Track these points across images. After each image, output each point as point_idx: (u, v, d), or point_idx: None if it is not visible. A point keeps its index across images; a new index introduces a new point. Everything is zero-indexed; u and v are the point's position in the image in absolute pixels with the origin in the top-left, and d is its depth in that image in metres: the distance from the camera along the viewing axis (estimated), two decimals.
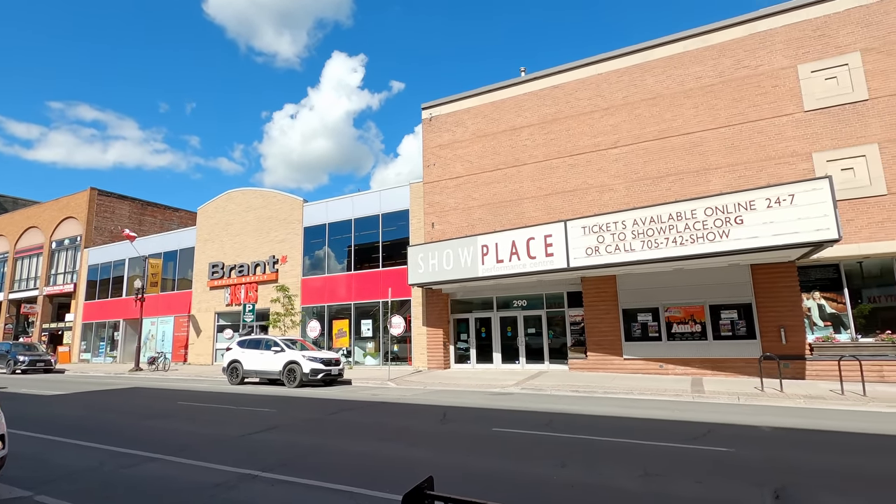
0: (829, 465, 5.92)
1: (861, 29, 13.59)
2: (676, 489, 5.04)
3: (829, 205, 10.94)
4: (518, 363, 17.67)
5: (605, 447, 6.84)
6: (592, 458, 6.21)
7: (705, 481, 5.23)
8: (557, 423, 8.52)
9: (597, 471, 5.68)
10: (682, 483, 5.21)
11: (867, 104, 13.23)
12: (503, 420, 9.08)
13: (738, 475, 5.42)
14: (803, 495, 4.80)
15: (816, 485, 5.09)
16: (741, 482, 5.18)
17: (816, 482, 5.18)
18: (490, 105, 18.84)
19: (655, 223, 12.92)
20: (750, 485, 5.09)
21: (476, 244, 16.15)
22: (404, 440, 7.47)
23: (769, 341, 13.69)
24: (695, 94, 15.33)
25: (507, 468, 5.87)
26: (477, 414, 9.85)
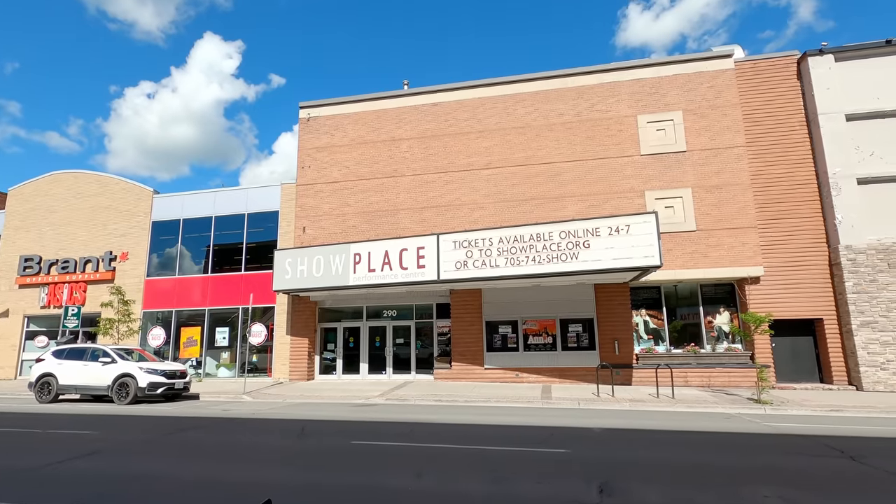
0: (643, 460, 6.88)
1: (683, 93, 16.43)
2: (521, 490, 5.42)
3: (654, 236, 12.91)
4: (385, 373, 17.62)
5: (460, 455, 7.10)
6: (448, 467, 6.40)
7: (545, 481, 5.71)
8: (418, 433, 8.64)
9: (451, 479, 5.86)
10: (525, 484, 5.62)
11: (685, 155, 15.99)
12: (364, 432, 8.95)
13: (573, 473, 6.02)
14: (621, 486, 5.50)
15: (633, 477, 5.88)
16: (574, 479, 5.76)
17: (633, 475, 5.97)
18: (372, 113, 18.77)
19: (518, 242, 13.98)
20: (581, 481, 5.68)
21: (349, 252, 15.84)
22: (253, 460, 6.92)
23: (606, 352, 15.60)
24: (557, 128, 17.04)
25: (363, 483, 5.77)
26: (337, 427, 9.56)
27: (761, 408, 11.42)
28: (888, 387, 13.62)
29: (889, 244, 14.22)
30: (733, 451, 7.44)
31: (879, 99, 15.05)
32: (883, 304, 13.98)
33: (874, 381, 13.70)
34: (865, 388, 13.72)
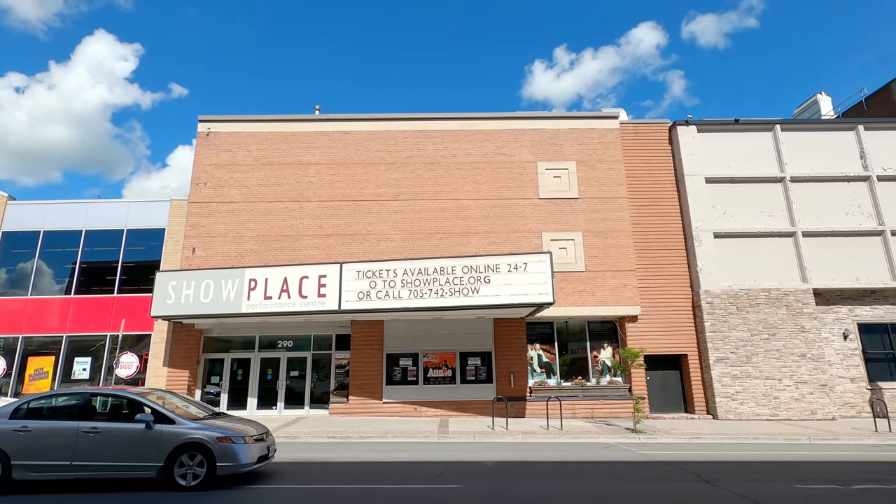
0: (529, 492, 7.08)
1: (577, 145, 18.09)
2: None
3: (548, 274, 13.76)
4: (276, 409, 16.46)
5: (348, 495, 6.79)
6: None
7: None
8: (305, 474, 8.13)
9: None
10: None
11: (577, 201, 17.46)
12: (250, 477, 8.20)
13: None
14: None
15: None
16: None
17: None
18: (280, 135, 18.16)
19: (422, 275, 14.12)
20: None
21: (244, 277, 14.84)
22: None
23: (502, 384, 16.06)
24: (465, 167, 17.77)
25: None
26: None
27: (636, 437, 12.40)
28: (737, 415, 15.55)
29: (737, 290, 16.55)
30: (610, 480, 7.95)
31: (730, 167, 17.80)
32: (733, 343, 16.12)
33: (726, 410, 15.59)
34: (720, 417, 15.54)
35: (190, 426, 7.45)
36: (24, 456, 7.09)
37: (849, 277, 16.76)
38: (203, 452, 7.20)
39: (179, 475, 7.12)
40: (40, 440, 7.22)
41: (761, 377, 15.80)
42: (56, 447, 7.18)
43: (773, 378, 15.78)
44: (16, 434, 7.21)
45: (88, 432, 7.23)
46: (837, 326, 16.75)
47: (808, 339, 16.06)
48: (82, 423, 7.34)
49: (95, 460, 7.14)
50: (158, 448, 7.15)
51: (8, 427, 7.27)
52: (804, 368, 15.81)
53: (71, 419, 7.43)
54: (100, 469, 7.16)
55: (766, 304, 16.37)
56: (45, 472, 7.12)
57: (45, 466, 7.11)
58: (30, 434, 7.25)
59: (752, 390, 15.70)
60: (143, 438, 7.22)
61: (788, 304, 16.36)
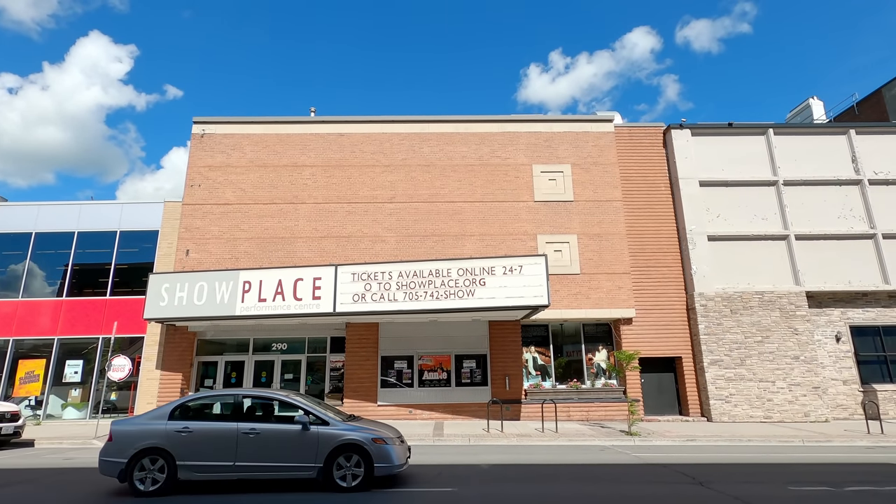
0: (525, 495, 7.06)
1: (572, 148, 18.15)
2: None
3: (544, 277, 13.78)
4: None
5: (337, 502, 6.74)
6: None
7: None
8: None
9: None
10: None
11: (572, 204, 17.50)
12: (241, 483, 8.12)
13: None
14: None
15: None
16: None
17: None
18: (275, 136, 18.11)
19: (418, 277, 14.09)
20: None
21: (238, 279, 14.77)
22: None
23: (497, 387, 16.04)
24: (460, 169, 17.78)
25: None
26: None
27: (631, 439, 12.42)
28: (731, 417, 15.60)
29: (731, 293, 16.63)
30: (605, 482, 7.95)
31: (724, 170, 17.91)
32: (727, 345, 16.19)
33: (720, 412, 15.64)
34: (714, 419, 15.59)
35: (343, 427, 7.52)
36: (187, 457, 7.12)
37: (841, 280, 16.88)
38: (359, 454, 7.26)
39: (339, 476, 7.20)
40: (202, 441, 7.24)
41: (755, 379, 15.87)
42: (218, 448, 7.21)
43: (766, 380, 15.85)
44: (178, 435, 7.20)
45: (248, 433, 7.26)
46: (830, 329, 16.86)
47: (801, 342, 16.15)
48: (241, 424, 7.36)
49: (257, 461, 7.19)
50: (317, 449, 7.22)
51: (170, 428, 7.26)
52: (797, 371, 15.89)
53: (226, 420, 7.50)
54: (261, 469, 7.21)
55: (760, 307, 16.46)
56: (209, 473, 7.17)
57: (210, 467, 7.15)
58: (191, 435, 7.23)
59: (746, 392, 15.76)
60: (302, 439, 7.27)
61: (781, 307, 16.45)
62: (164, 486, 6.99)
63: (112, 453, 7.13)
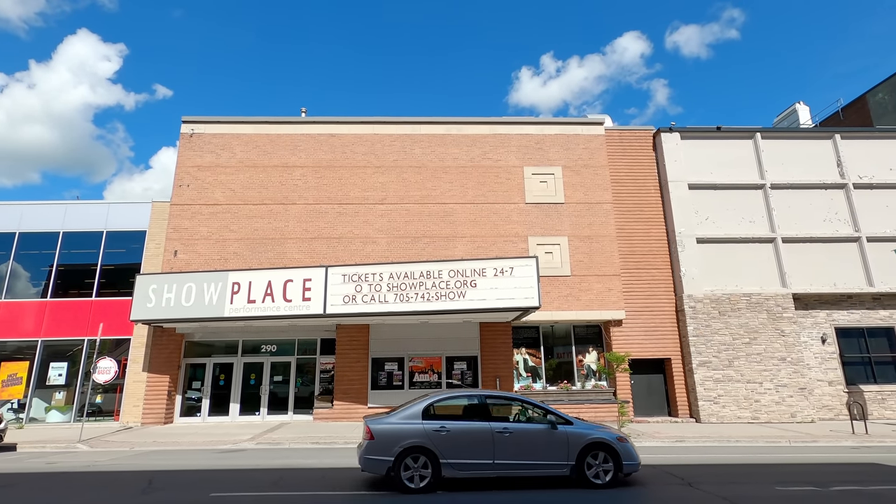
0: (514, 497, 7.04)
1: (563, 151, 18.23)
2: None
3: (534, 279, 13.81)
4: (258, 415, 16.21)
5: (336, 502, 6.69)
6: None
7: None
8: (287, 481, 7.99)
9: None
10: None
11: (563, 206, 17.58)
12: (226, 482, 8.05)
13: None
14: None
15: None
16: None
17: None
18: (265, 137, 17.98)
19: (409, 279, 14.06)
20: None
21: (227, 280, 14.62)
22: None
23: (488, 389, 16.01)
24: (451, 171, 17.78)
25: None
26: (194, 477, 8.49)
27: None
28: (719, 418, 15.74)
29: (720, 295, 16.79)
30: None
31: (712, 173, 18.10)
32: (715, 347, 16.34)
33: (709, 413, 15.77)
34: (703, 420, 15.72)
35: (586, 427, 7.89)
36: (450, 455, 7.34)
37: (826, 283, 17.12)
38: (607, 451, 7.59)
39: (592, 474, 7.50)
40: (460, 440, 7.45)
41: (742, 381, 16.03)
42: (477, 447, 7.43)
43: (753, 381, 16.02)
44: (437, 434, 7.43)
45: (502, 432, 7.52)
46: (816, 331, 17.09)
47: (787, 343, 16.35)
48: (493, 423, 7.62)
49: (513, 459, 7.45)
50: (568, 447, 7.54)
51: (429, 428, 7.46)
52: (784, 372, 16.09)
53: (473, 420, 7.74)
54: (517, 468, 7.47)
55: (748, 309, 16.65)
56: (471, 471, 7.40)
57: (471, 465, 7.38)
58: (449, 434, 7.45)
59: (734, 394, 15.91)
60: (551, 439, 7.59)
61: (769, 309, 16.65)
62: (431, 483, 7.22)
63: (378, 451, 7.27)
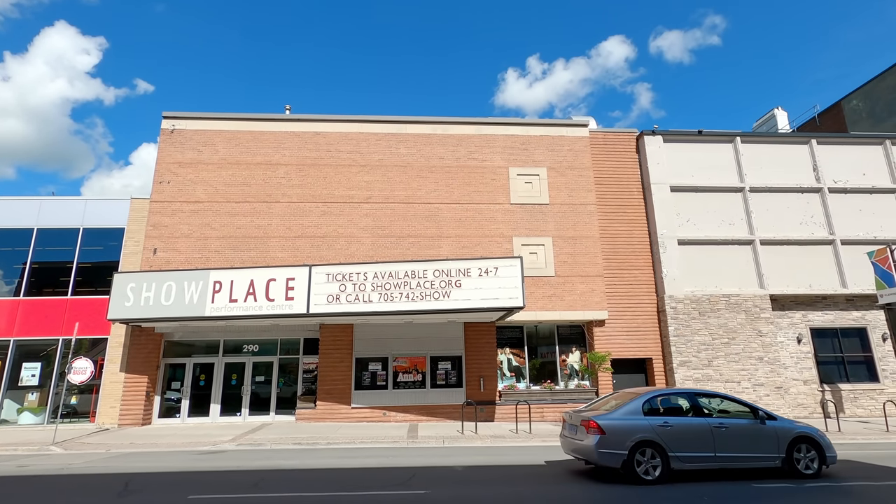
0: (497, 497, 7.07)
1: (548, 152, 18.35)
2: None
3: (519, 279, 13.87)
4: (240, 415, 15.99)
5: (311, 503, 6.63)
6: None
7: None
8: (268, 483, 7.90)
9: None
10: None
11: (548, 207, 17.70)
12: (205, 485, 7.91)
13: None
14: None
15: None
16: None
17: None
18: (248, 134, 17.74)
19: (393, 278, 14.00)
20: None
21: (208, 279, 14.38)
22: None
23: (472, 389, 16.07)
24: (437, 171, 17.77)
25: None
26: (173, 479, 8.33)
27: None
28: None
29: (700, 296, 17.09)
30: (576, 483, 8.03)
31: (693, 176, 18.41)
32: (695, 346, 16.62)
33: None
34: None
35: (787, 422, 8.57)
36: (676, 449, 7.91)
37: (802, 284, 17.54)
38: (810, 444, 8.26)
39: (803, 466, 8.14)
40: (683, 435, 8.01)
41: (721, 380, 16.33)
42: (698, 441, 8.02)
43: (732, 381, 16.34)
44: (662, 429, 7.98)
45: (718, 427, 8.15)
46: (792, 331, 17.49)
47: (765, 343, 16.71)
48: (710, 420, 8.27)
49: (730, 451, 8.08)
50: (777, 441, 8.21)
51: (654, 423, 8.02)
52: (761, 371, 16.44)
53: (687, 416, 8.38)
54: (735, 459, 8.11)
55: (727, 310, 16.97)
56: (695, 463, 8.00)
57: (695, 458, 7.99)
58: (672, 429, 8.01)
59: None
60: (762, 433, 8.24)
61: (747, 310, 16.99)
62: (662, 475, 7.74)
63: (611, 446, 7.78)
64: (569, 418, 8.76)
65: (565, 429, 8.79)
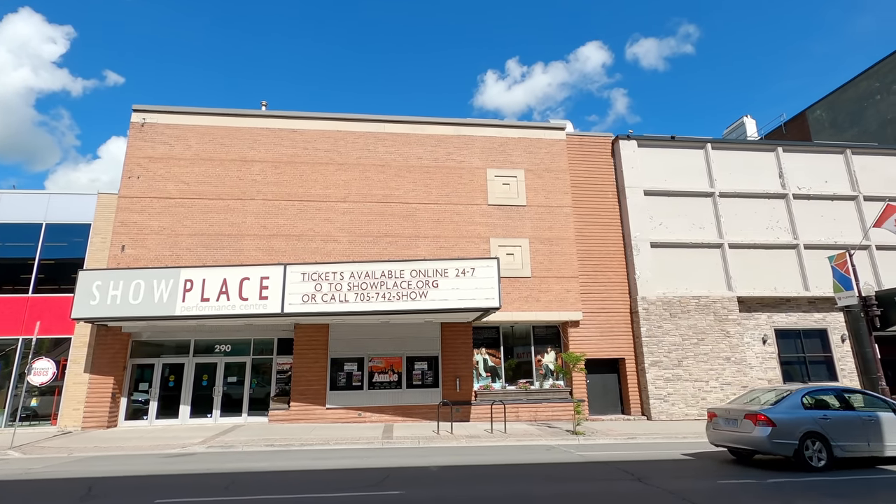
0: (472, 496, 7.11)
1: (526, 154, 18.52)
2: None
3: (495, 280, 13.96)
4: (210, 417, 15.63)
5: None
6: None
7: None
8: (238, 485, 7.75)
9: None
10: None
11: (525, 209, 17.86)
12: (172, 488, 7.72)
13: None
14: None
15: None
16: None
17: None
18: (223, 129, 17.37)
19: (370, 278, 13.91)
20: None
21: (179, 277, 14.02)
22: None
23: (448, 389, 16.10)
24: (415, 170, 17.74)
25: None
26: (139, 483, 8.10)
27: (576, 439, 12.79)
28: (669, 416, 16.41)
29: (671, 297, 17.51)
30: (550, 482, 8.14)
31: (666, 181, 18.85)
32: (666, 347, 17.02)
33: (659, 411, 16.41)
34: (654, 418, 16.33)
35: None
36: (836, 439, 8.96)
37: (768, 287, 18.16)
38: None
39: None
40: (840, 426, 9.08)
41: (690, 379, 16.77)
42: (853, 431, 9.09)
43: (701, 380, 16.79)
44: (823, 421, 9.03)
45: (868, 419, 9.26)
46: (758, 332, 18.09)
47: (732, 344, 17.23)
48: (860, 412, 9.37)
49: (879, 441, 9.11)
50: None
51: (816, 416, 9.09)
52: (728, 371, 16.94)
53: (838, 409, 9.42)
54: (882, 448, 9.10)
55: (696, 311, 17.43)
56: (853, 452, 9.01)
57: (853, 447, 9.01)
58: (831, 421, 9.06)
59: (683, 392, 16.63)
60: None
61: (716, 311, 17.49)
62: (828, 463, 8.76)
63: (782, 436, 8.79)
64: (724, 413, 9.81)
65: (717, 422, 9.84)
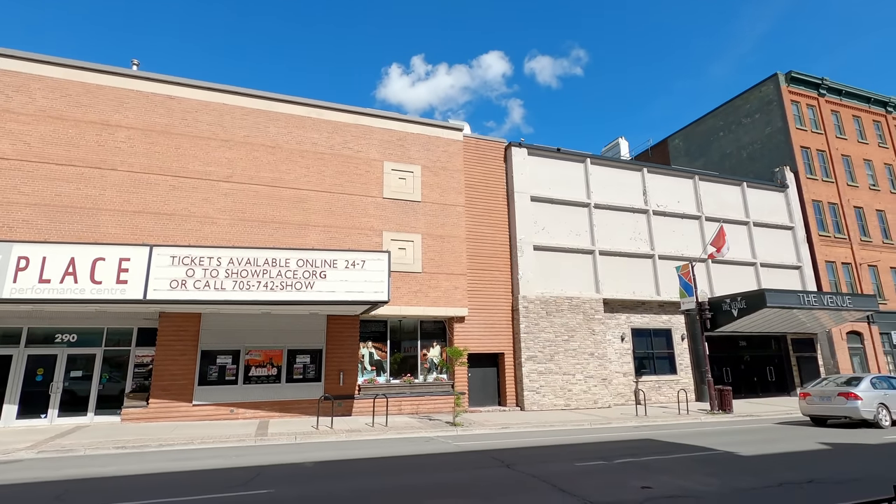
0: (344, 490, 7.03)
1: (423, 151, 18.72)
2: None
3: (385, 273, 13.90)
4: (45, 417, 13.48)
5: None
6: None
7: None
8: (73, 494, 6.80)
9: None
10: None
11: (419, 205, 18.06)
12: None
13: None
14: None
15: None
16: None
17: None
18: (80, 85, 15.02)
19: (251, 265, 13.03)
20: None
21: (10, 253, 11.82)
22: None
23: (331, 383, 15.71)
24: (309, 156, 16.99)
25: None
26: None
27: (454, 430, 13.27)
28: (540, 406, 17.76)
29: (548, 297, 18.95)
30: (426, 472, 8.35)
31: (550, 189, 20.34)
32: (541, 343, 18.39)
33: (532, 402, 17.69)
34: (527, 409, 17.56)
35: None
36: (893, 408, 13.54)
37: (628, 290, 20.49)
38: None
39: None
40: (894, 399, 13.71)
41: (560, 373, 18.31)
42: None
43: (568, 374, 18.42)
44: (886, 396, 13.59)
45: None
46: (618, 330, 20.32)
47: (596, 341, 19.15)
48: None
49: None
50: None
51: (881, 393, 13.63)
52: (592, 365, 18.80)
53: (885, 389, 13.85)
54: None
55: (569, 310, 19.07)
56: None
57: None
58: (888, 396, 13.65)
59: (553, 384, 18.10)
60: None
61: (584, 311, 19.30)
62: (891, 423, 13.26)
63: (867, 406, 13.05)
64: (818, 392, 14.02)
65: (811, 399, 14.01)
